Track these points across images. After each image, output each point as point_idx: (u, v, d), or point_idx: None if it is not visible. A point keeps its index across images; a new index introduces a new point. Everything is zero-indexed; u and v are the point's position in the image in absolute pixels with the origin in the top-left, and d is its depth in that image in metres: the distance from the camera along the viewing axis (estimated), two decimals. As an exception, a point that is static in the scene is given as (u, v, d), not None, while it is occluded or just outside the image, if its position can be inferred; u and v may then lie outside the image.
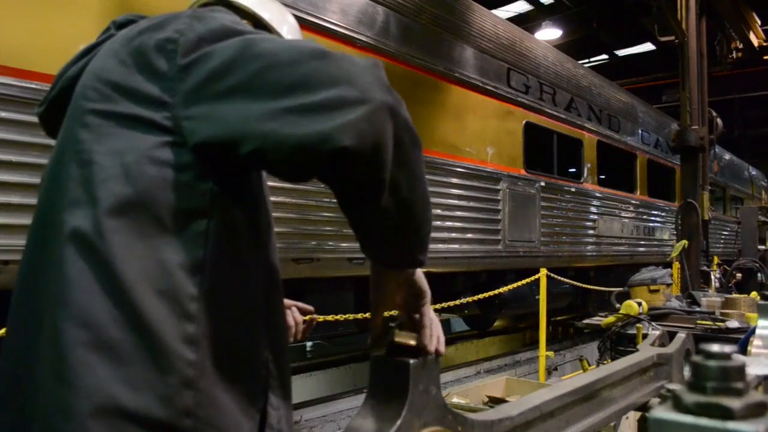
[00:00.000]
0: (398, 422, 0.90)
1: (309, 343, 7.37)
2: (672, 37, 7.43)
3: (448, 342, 8.59)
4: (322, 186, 1.05)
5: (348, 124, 0.82)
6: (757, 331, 1.76)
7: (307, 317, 1.55)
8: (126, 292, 0.89)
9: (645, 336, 4.35)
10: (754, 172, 18.04)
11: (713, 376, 0.52)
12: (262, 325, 1.06)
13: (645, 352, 1.92)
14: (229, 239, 1.00)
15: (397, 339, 0.95)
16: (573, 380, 1.56)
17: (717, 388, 0.52)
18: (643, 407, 1.79)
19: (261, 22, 1.32)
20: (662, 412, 0.52)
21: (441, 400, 0.96)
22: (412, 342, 0.96)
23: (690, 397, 0.52)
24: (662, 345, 2.14)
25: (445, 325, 10.34)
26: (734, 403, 0.50)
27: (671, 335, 4.50)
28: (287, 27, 1.39)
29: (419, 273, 1.10)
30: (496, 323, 9.50)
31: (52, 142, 1.12)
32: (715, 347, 0.53)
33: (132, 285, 0.89)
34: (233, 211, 1.01)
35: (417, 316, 1.07)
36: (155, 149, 0.95)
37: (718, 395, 0.51)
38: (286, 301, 1.56)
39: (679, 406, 0.52)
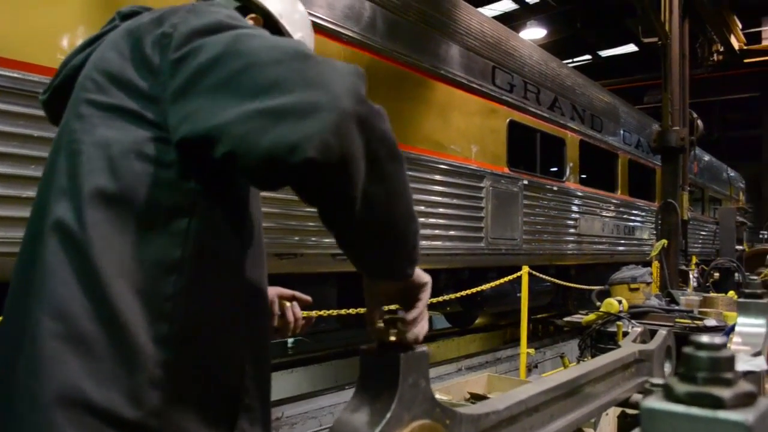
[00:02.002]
0: (388, 415, 0.90)
1: (290, 340, 7.35)
2: (655, 39, 7.50)
3: (430, 339, 8.63)
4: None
5: (315, 135, 0.78)
6: (737, 329, 1.79)
7: (305, 314, 1.55)
8: (101, 285, 0.89)
9: (625, 334, 4.41)
10: (732, 174, 18.30)
11: (704, 367, 0.53)
12: (241, 332, 1.05)
13: (627, 348, 1.94)
14: (210, 240, 0.99)
15: (392, 338, 0.95)
16: (557, 376, 1.57)
17: (707, 379, 0.52)
18: (625, 403, 1.81)
19: (270, 15, 1.31)
20: (654, 402, 0.53)
21: (430, 393, 0.96)
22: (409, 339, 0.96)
23: (681, 387, 0.52)
24: (643, 342, 2.16)
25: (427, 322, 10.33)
26: (724, 393, 0.51)
27: (652, 333, 4.56)
28: (298, 16, 1.38)
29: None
30: (477, 321, 9.55)
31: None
32: (705, 338, 0.54)
33: (108, 279, 0.89)
34: (216, 211, 1.00)
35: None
36: (142, 144, 0.94)
37: (708, 385, 0.52)
38: (286, 292, 1.52)
39: (671, 395, 0.53)
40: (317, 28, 4.80)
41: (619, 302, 4.59)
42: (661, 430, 0.52)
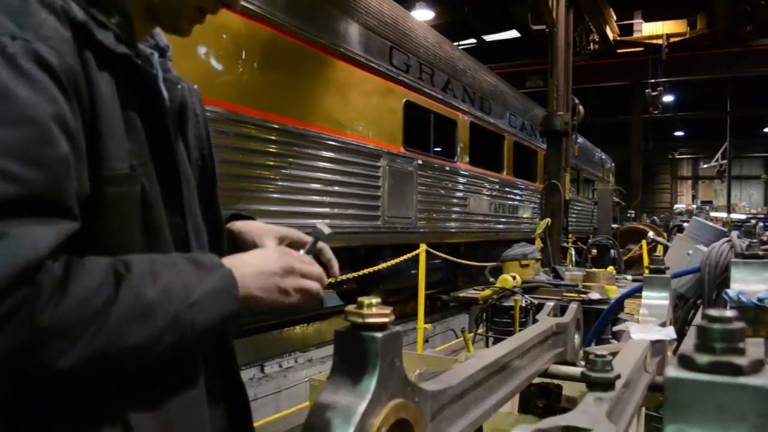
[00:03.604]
0: (369, 396, 0.90)
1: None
2: (543, 27, 7.85)
3: (323, 317, 8.66)
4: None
5: None
6: (643, 301, 1.92)
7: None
8: None
9: (522, 308, 4.63)
10: (603, 156, 19.61)
11: (719, 338, 0.57)
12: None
13: (545, 322, 2.03)
14: None
15: (368, 320, 0.95)
16: (492, 351, 1.63)
17: (725, 349, 0.56)
18: (545, 374, 1.90)
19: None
20: (678, 372, 0.56)
21: (403, 372, 0.97)
22: (385, 319, 0.96)
23: (702, 358, 0.56)
24: (555, 315, 2.28)
25: (317, 301, 10.34)
26: (742, 361, 0.55)
27: (539, 306, 4.81)
28: None
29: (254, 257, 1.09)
30: (371, 298, 9.65)
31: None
32: (716, 312, 0.58)
33: None
34: None
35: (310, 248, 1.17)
36: None
37: (726, 354, 0.56)
38: (282, 231, 1.31)
39: (691, 365, 0.56)
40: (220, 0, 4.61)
41: (513, 278, 4.82)
42: (685, 398, 0.56)
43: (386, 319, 0.96)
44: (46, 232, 0.81)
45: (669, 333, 1.65)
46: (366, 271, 6.00)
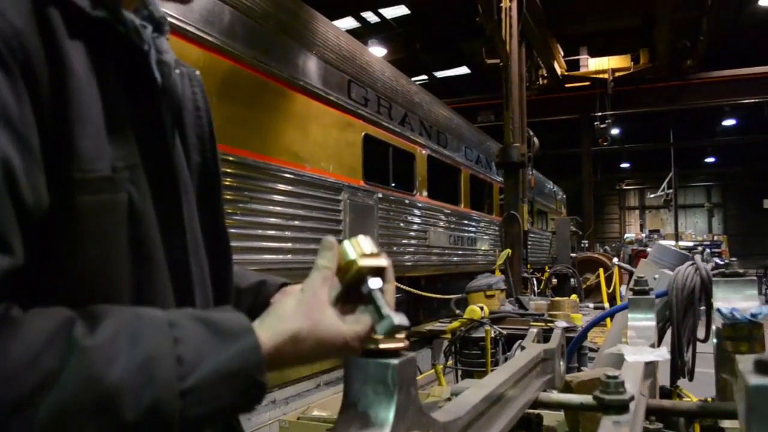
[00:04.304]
0: (388, 428, 0.82)
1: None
2: (497, 61, 8.01)
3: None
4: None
5: None
6: (630, 323, 1.90)
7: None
8: None
9: (493, 338, 4.59)
10: (554, 188, 20.03)
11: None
12: None
13: (532, 349, 1.98)
14: None
15: (382, 346, 0.87)
16: (486, 381, 1.58)
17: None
18: (535, 403, 1.85)
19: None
20: (760, 379, 0.52)
21: (418, 402, 0.90)
22: (400, 344, 0.88)
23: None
24: (539, 342, 2.23)
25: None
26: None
27: (512, 338, 4.76)
28: None
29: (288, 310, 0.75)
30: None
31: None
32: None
33: None
34: None
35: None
36: None
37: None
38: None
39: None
40: (175, 31, 4.54)
41: (481, 308, 4.79)
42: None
43: (401, 344, 0.89)
44: None
45: (662, 354, 1.62)
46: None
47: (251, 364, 0.67)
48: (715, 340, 1.92)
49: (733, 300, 1.92)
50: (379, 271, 0.89)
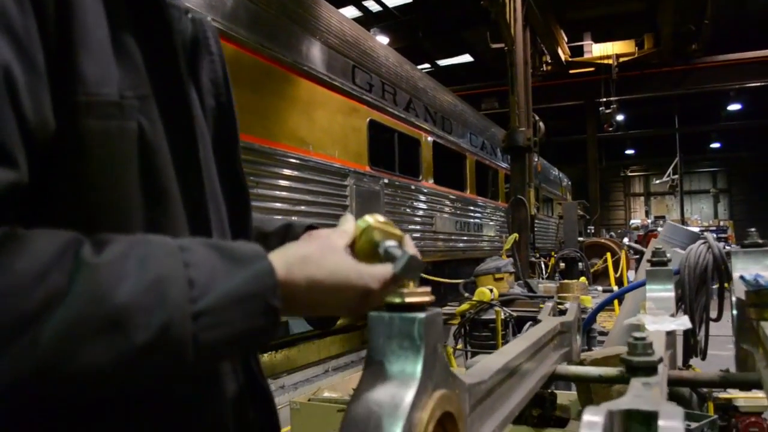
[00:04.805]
0: (415, 385, 0.79)
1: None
2: (502, 45, 7.95)
3: (291, 344, 8.45)
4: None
5: None
6: (648, 294, 1.86)
7: None
8: None
9: (503, 320, 4.56)
10: (560, 175, 19.96)
11: None
12: None
13: (549, 322, 1.95)
14: None
15: (408, 300, 0.84)
16: (507, 348, 1.55)
17: None
18: (552, 376, 1.82)
19: None
20: None
21: (445, 360, 0.86)
22: (426, 298, 0.85)
23: None
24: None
25: (283, 327, 10.16)
26: None
27: (521, 320, 4.74)
28: None
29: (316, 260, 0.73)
30: (339, 321, 9.52)
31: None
32: None
33: None
34: None
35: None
36: None
37: None
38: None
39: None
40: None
41: (491, 291, 4.76)
42: None
43: (427, 298, 0.86)
44: None
45: (684, 323, 1.58)
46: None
47: (265, 288, 0.65)
48: (735, 312, 1.89)
49: (753, 271, 1.88)
50: (395, 239, 0.88)
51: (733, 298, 1.96)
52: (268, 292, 0.65)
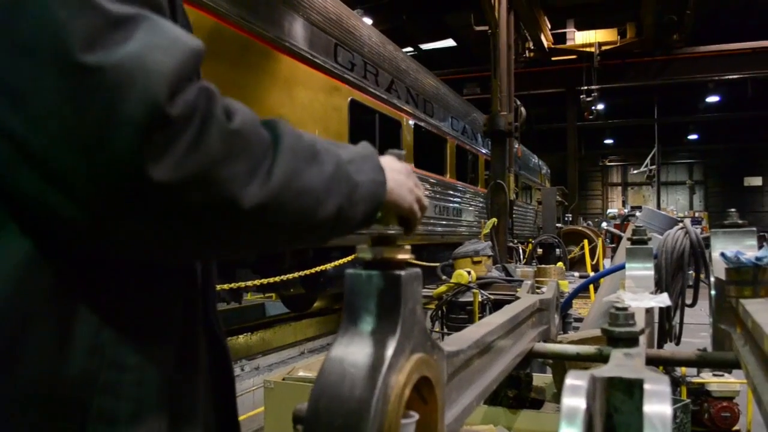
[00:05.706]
0: (392, 346, 0.76)
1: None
2: (486, 28, 7.91)
3: (267, 326, 8.40)
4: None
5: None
6: (628, 273, 1.86)
7: None
8: None
9: (480, 303, 4.55)
10: (539, 162, 20.03)
11: None
12: None
13: (527, 299, 1.93)
14: None
15: (387, 255, 0.80)
16: (487, 320, 1.53)
17: None
18: (530, 353, 1.81)
19: None
20: None
21: (423, 323, 0.83)
22: (405, 255, 0.82)
23: None
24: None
25: (259, 309, 10.10)
26: None
27: (498, 303, 4.73)
28: None
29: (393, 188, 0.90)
30: (315, 304, 9.50)
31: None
32: None
33: None
34: None
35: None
36: None
37: None
38: None
39: None
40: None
41: (468, 273, 4.75)
42: None
43: (407, 255, 0.82)
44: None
45: (663, 300, 1.57)
46: (312, 270, 5.82)
47: (374, 153, 0.89)
48: (713, 292, 1.89)
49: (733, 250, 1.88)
50: None
51: (712, 279, 1.95)
52: (375, 156, 0.88)
